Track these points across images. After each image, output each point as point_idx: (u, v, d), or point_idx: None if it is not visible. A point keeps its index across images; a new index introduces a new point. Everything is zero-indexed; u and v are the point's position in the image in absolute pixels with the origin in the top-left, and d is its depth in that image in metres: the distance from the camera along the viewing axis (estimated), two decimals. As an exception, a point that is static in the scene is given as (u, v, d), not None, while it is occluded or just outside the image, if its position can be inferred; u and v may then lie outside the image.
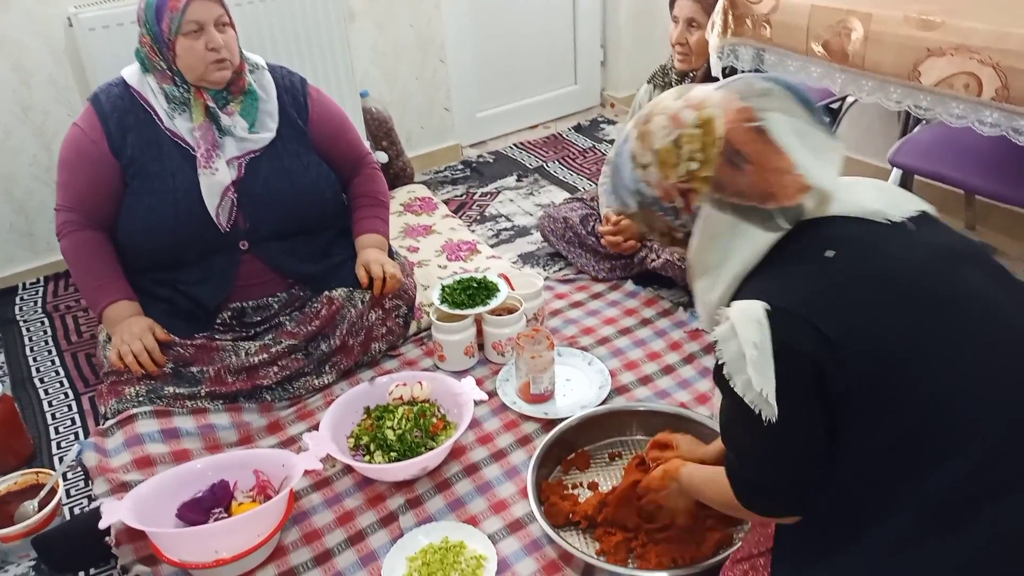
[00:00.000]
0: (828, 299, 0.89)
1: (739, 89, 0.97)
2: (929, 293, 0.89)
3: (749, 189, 0.94)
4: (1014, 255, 2.31)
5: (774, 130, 0.94)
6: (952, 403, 0.86)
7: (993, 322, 0.90)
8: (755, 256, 0.95)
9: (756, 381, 0.88)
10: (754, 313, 0.89)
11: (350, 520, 1.51)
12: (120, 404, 1.67)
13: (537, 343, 1.71)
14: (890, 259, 0.92)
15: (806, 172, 0.93)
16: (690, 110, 0.97)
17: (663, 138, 0.98)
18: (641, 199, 1.03)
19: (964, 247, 0.97)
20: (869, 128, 2.64)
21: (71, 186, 1.77)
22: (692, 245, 1.00)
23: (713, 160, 0.95)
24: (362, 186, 2.02)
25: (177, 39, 1.67)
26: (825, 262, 0.91)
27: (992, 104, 1.40)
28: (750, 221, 0.94)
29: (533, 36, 3.28)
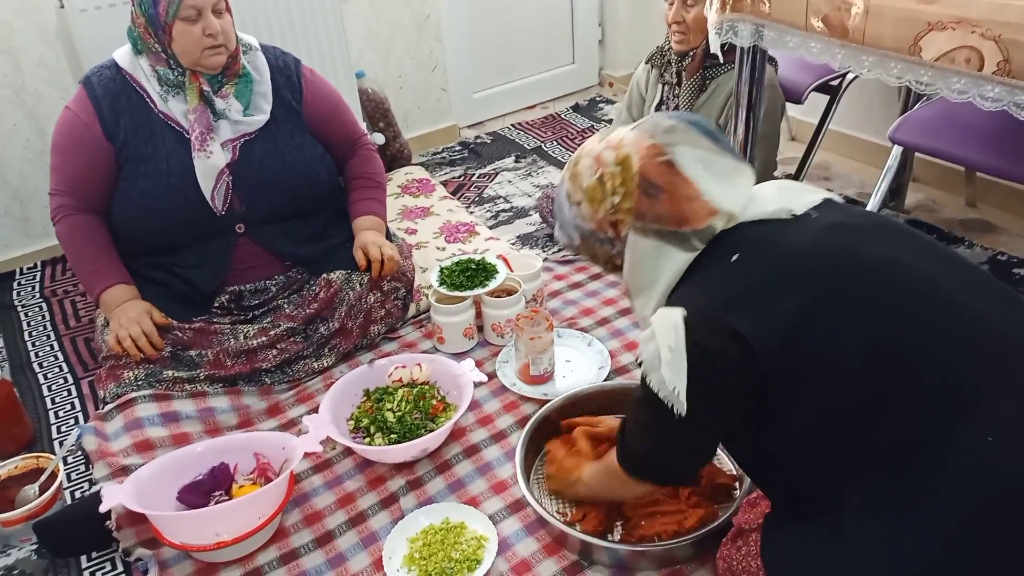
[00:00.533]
0: (733, 296, 0.98)
1: (648, 128, 1.09)
2: (824, 267, 0.97)
3: (665, 216, 1.05)
4: (1014, 231, 2.30)
5: (680, 162, 1.05)
6: (868, 359, 0.92)
7: (893, 276, 0.96)
8: (677, 273, 1.06)
9: (669, 380, 0.98)
10: (672, 318, 0.98)
11: (351, 502, 1.51)
12: (119, 388, 1.67)
13: (536, 324, 1.71)
14: (787, 248, 1.00)
15: (711, 198, 1.04)
16: (610, 150, 1.10)
17: (589, 177, 1.11)
18: (581, 232, 1.15)
19: (862, 221, 1.06)
20: (869, 106, 2.63)
21: (64, 170, 1.76)
22: (624, 269, 1.12)
23: (632, 193, 1.07)
24: (358, 168, 2.01)
25: (174, 23, 1.65)
26: (731, 265, 1.01)
27: (993, 78, 1.38)
28: (670, 243, 1.05)
29: (530, 15, 3.25)
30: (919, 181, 2.56)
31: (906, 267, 0.97)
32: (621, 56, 3.47)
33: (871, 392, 0.91)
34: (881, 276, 0.96)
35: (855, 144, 2.73)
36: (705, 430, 1.05)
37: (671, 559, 1.32)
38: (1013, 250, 2.21)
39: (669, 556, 1.31)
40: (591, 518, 1.37)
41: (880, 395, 0.91)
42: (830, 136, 2.57)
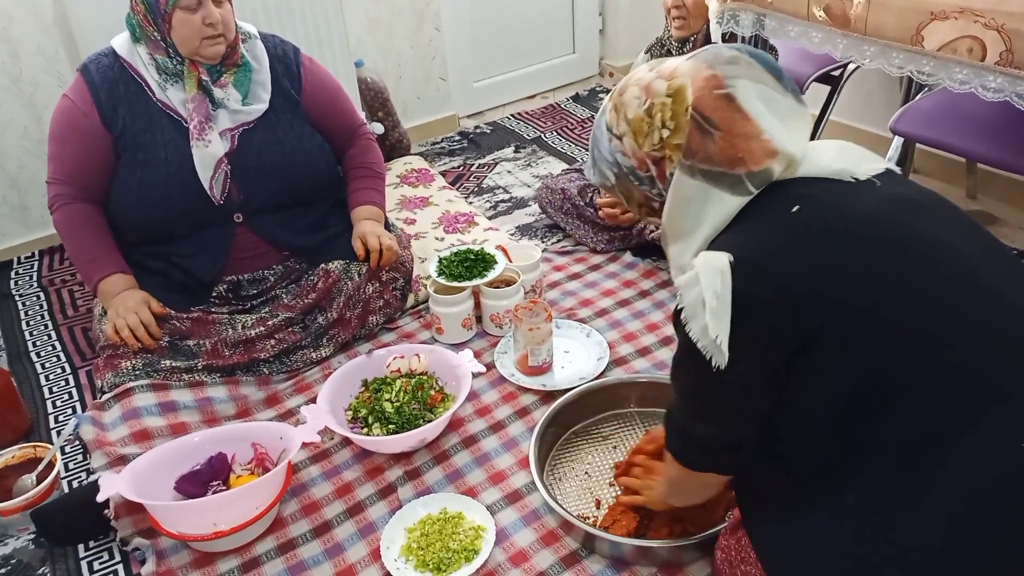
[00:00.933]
0: (789, 250, 0.92)
1: (707, 58, 0.99)
2: (886, 240, 0.92)
3: (718, 155, 0.96)
4: (1014, 223, 2.30)
5: (741, 96, 0.96)
6: (903, 345, 0.89)
7: (947, 263, 0.92)
8: (725, 219, 0.98)
9: (712, 327, 0.91)
10: (718, 263, 0.91)
11: (349, 492, 1.51)
12: (117, 378, 1.66)
13: (535, 315, 1.70)
14: (851, 212, 0.94)
15: (772, 137, 0.96)
16: (661, 80, 1.00)
17: (636, 108, 1.02)
18: (618, 170, 1.06)
19: (925, 199, 1.00)
20: (870, 96, 2.61)
21: (62, 158, 1.75)
22: (665, 212, 1.03)
23: (684, 127, 0.98)
24: (357, 157, 2.00)
25: (174, 11, 1.63)
26: (789, 217, 0.94)
27: (996, 68, 1.37)
28: (720, 186, 0.97)
29: (530, 4, 3.23)
30: (920, 172, 2.55)
31: (961, 254, 0.93)
32: (622, 46, 3.45)
33: (899, 379, 0.88)
34: (937, 261, 0.92)
35: (856, 135, 2.71)
36: (747, 388, 0.96)
37: (675, 559, 1.30)
38: (1014, 242, 2.20)
39: (673, 555, 1.30)
40: (620, 525, 1.34)
41: (906, 384, 0.88)
42: (831, 127, 2.55)
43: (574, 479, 1.50)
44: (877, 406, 0.89)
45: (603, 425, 1.61)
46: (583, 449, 1.56)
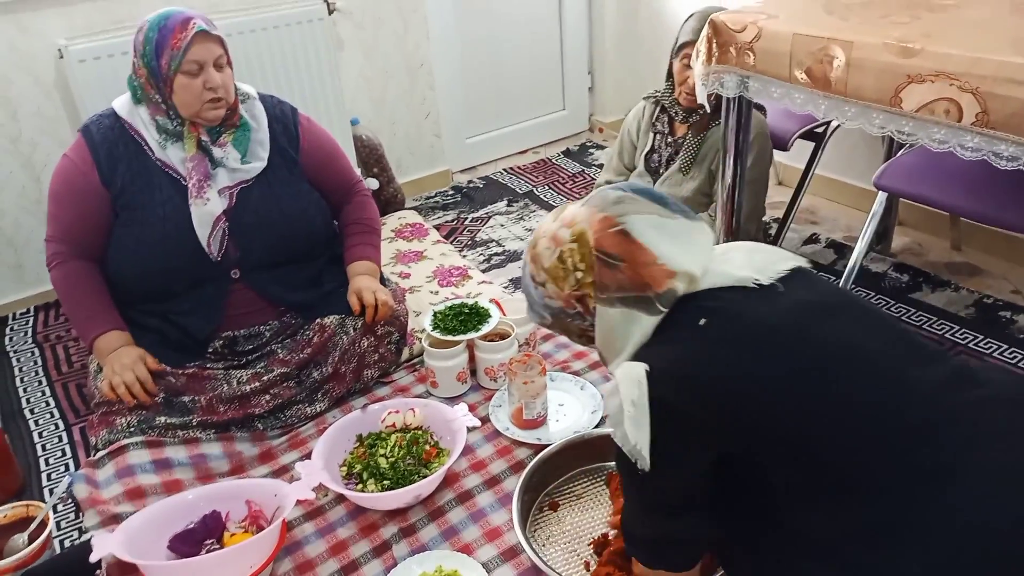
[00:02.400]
0: (699, 360, 1.01)
1: (598, 203, 1.12)
2: (792, 344, 1.00)
3: (628, 283, 1.08)
4: (998, 274, 2.34)
5: (634, 230, 1.08)
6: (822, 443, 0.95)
7: (851, 361, 0.99)
8: (644, 336, 1.08)
9: (632, 434, 0.99)
10: (635, 373, 1.00)
11: (343, 550, 1.50)
12: (111, 435, 1.66)
13: (530, 368, 1.72)
14: (755, 320, 1.03)
15: (667, 261, 1.07)
16: (565, 228, 1.13)
17: (549, 257, 1.14)
18: (551, 311, 1.18)
19: (831, 298, 1.09)
20: (854, 151, 2.68)
21: (61, 217, 1.77)
22: (597, 339, 1.14)
23: (593, 265, 1.10)
24: (353, 213, 2.03)
25: (176, 76, 1.68)
26: (698, 329, 1.03)
27: (972, 129, 1.42)
28: (636, 308, 1.07)
29: (521, 62, 3.32)
30: (905, 225, 2.60)
31: (867, 351, 1.01)
32: (610, 102, 3.54)
33: (832, 473, 0.95)
34: (844, 360, 0.99)
35: (841, 189, 2.77)
36: (678, 488, 1.05)
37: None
38: (999, 293, 2.24)
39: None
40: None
41: (842, 477, 0.94)
42: (816, 181, 2.61)
43: (561, 537, 1.49)
44: (809, 498, 0.96)
45: (583, 479, 1.61)
46: (566, 506, 1.56)
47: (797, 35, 1.63)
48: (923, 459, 0.93)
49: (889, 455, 0.93)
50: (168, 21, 1.68)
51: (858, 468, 0.94)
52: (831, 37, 1.58)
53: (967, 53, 1.41)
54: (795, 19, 1.70)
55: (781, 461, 0.98)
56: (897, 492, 0.92)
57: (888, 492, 0.92)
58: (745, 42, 1.72)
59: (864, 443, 0.95)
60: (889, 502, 0.92)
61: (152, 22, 1.69)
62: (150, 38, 1.68)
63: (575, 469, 1.62)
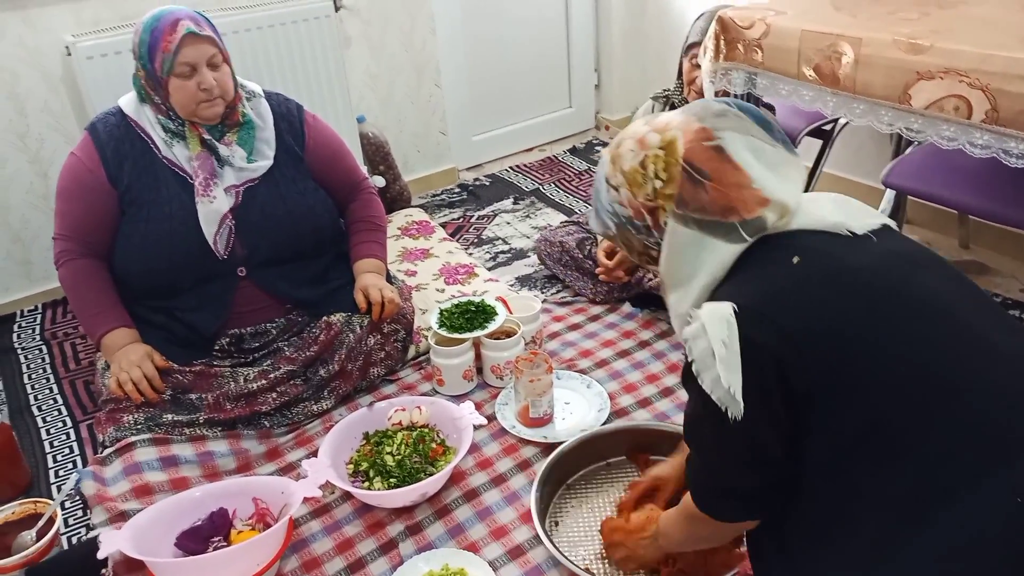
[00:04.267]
0: (792, 299, 0.94)
1: (697, 112, 1.03)
2: (886, 293, 0.94)
3: (710, 204, 0.99)
4: (1007, 272, 2.32)
5: (730, 148, 0.99)
6: (908, 397, 0.89)
7: (945, 319, 0.93)
8: (721, 268, 1.00)
9: (725, 378, 0.92)
10: (723, 312, 0.93)
11: (350, 548, 1.50)
12: (118, 432, 1.67)
13: (536, 366, 1.71)
14: (851, 265, 0.96)
15: (763, 187, 0.99)
16: (654, 133, 1.04)
17: (631, 160, 1.05)
18: (617, 220, 1.09)
19: (921, 255, 1.02)
20: (862, 149, 2.67)
21: (69, 215, 1.78)
22: (661, 260, 1.05)
23: (676, 178, 1.01)
24: (359, 211, 2.03)
25: (169, 79, 1.68)
26: (790, 267, 0.96)
27: (982, 126, 1.41)
28: (714, 235, 0.99)
29: (528, 60, 3.32)
30: (913, 223, 2.59)
31: (958, 308, 0.95)
32: (617, 100, 3.53)
33: (899, 431, 0.89)
34: (937, 314, 0.93)
35: (849, 186, 2.76)
36: (766, 435, 0.95)
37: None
38: (1007, 291, 2.23)
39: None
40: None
41: (906, 437, 0.88)
42: (824, 179, 2.60)
43: (576, 531, 1.49)
44: (877, 457, 0.89)
45: (601, 474, 1.61)
46: (583, 500, 1.56)
47: (805, 32, 1.62)
48: (995, 429, 0.87)
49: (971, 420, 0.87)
50: (159, 23, 1.67)
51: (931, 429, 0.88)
52: (840, 34, 1.57)
53: (977, 50, 1.40)
54: (803, 16, 1.70)
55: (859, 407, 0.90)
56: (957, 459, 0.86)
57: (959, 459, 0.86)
58: (753, 39, 1.71)
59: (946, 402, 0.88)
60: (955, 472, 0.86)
61: (145, 24, 1.69)
62: (144, 40, 1.68)
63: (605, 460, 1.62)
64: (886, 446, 0.89)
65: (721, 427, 0.94)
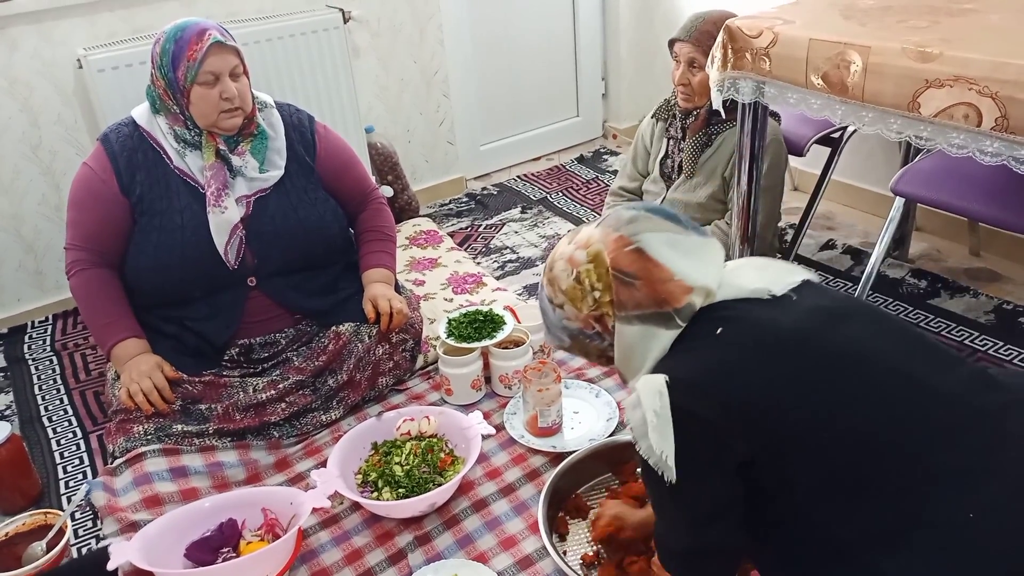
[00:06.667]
0: (719, 367, 1.02)
1: (612, 223, 1.14)
2: (808, 350, 1.02)
3: (645, 300, 1.09)
4: (1019, 280, 2.31)
5: (649, 247, 1.10)
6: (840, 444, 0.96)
7: (868, 367, 1.01)
8: (663, 351, 1.09)
9: (656, 444, 1.00)
10: (656, 384, 1.01)
11: (359, 558, 1.50)
12: (128, 442, 1.67)
13: (544, 376, 1.71)
14: (770, 326, 1.04)
15: (684, 276, 1.09)
16: (580, 250, 1.14)
17: (566, 279, 1.15)
18: (569, 333, 1.19)
19: (842, 305, 1.10)
20: (871, 156, 2.66)
21: (81, 224, 1.79)
22: (616, 358, 1.15)
23: (610, 285, 1.11)
24: (369, 221, 2.04)
25: (192, 87, 1.69)
26: (715, 338, 1.05)
27: (992, 134, 1.40)
28: (655, 325, 1.09)
29: (535, 69, 3.32)
30: (923, 230, 2.58)
31: (882, 354, 1.02)
32: (624, 109, 3.53)
33: (851, 475, 0.95)
34: (860, 362, 1.00)
35: (858, 194, 2.75)
36: (704, 499, 1.03)
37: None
38: (1019, 299, 2.21)
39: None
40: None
41: (860, 479, 0.95)
42: (833, 186, 2.59)
43: (584, 542, 1.48)
44: (837, 502, 0.96)
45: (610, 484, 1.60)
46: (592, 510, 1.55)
47: (814, 40, 1.62)
48: (943, 462, 0.93)
49: (908, 457, 0.94)
50: (184, 33, 1.69)
51: (876, 470, 0.95)
52: (848, 42, 1.57)
53: (986, 58, 1.40)
54: (811, 24, 1.69)
55: (800, 463, 0.98)
56: (916, 495, 0.93)
57: (907, 494, 0.93)
58: (761, 48, 1.71)
59: (882, 445, 0.95)
60: (908, 505, 0.92)
61: (168, 34, 1.70)
62: (167, 50, 1.69)
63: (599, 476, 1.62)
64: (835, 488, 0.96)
65: (662, 489, 1.02)
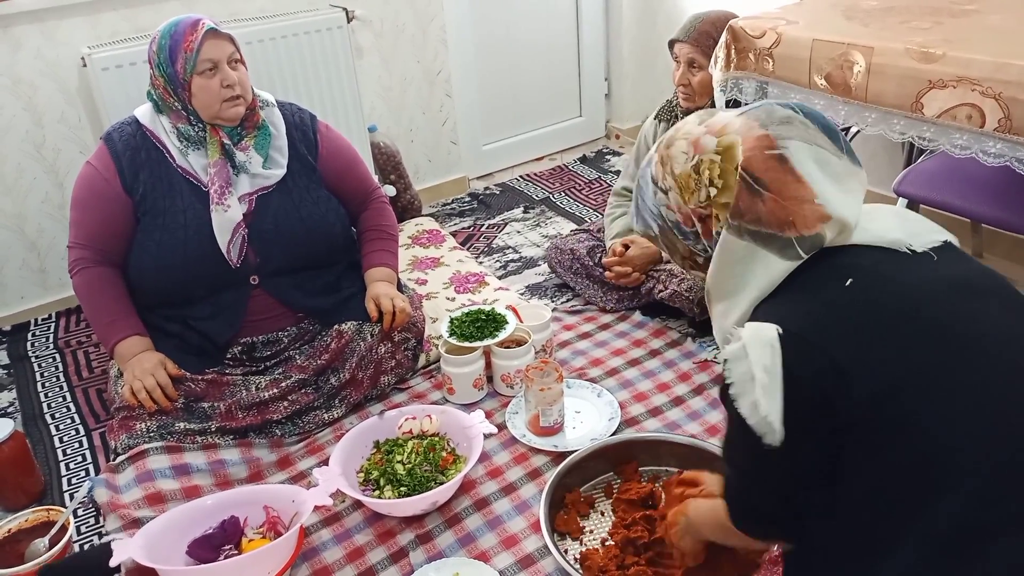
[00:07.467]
0: (841, 327, 0.88)
1: (760, 116, 0.97)
2: (941, 326, 0.88)
3: (767, 217, 0.93)
4: (1021, 281, 2.30)
5: (794, 158, 0.93)
6: (952, 436, 0.84)
7: (1001, 356, 0.87)
8: (772, 283, 0.94)
9: (764, 405, 0.87)
10: (767, 336, 0.87)
11: (360, 556, 1.50)
12: (131, 440, 1.67)
13: (546, 375, 1.71)
14: (906, 290, 0.90)
15: (826, 202, 0.93)
16: (711, 136, 0.98)
17: (683, 163, 0.99)
18: (662, 223, 1.04)
19: (983, 280, 0.95)
20: (874, 157, 2.66)
21: (84, 223, 1.79)
22: (710, 270, 1.00)
23: (732, 187, 0.95)
24: (371, 220, 2.04)
25: (192, 79, 1.70)
26: (841, 290, 0.90)
27: (995, 135, 1.41)
28: (768, 248, 0.94)
29: (538, 69, 3.33)
30: (925, 231, 2.57)
31: (1011, 343, 0.88)
32: (627, 109, 3.53)
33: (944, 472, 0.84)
34: (987, 354, 0.87)
35: (861, 195, 2.75)
36: (803, 463, 0.91)
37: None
38: (1022, 300, 2.21)
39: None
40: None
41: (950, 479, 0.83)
42: (836, 187, 2.59)
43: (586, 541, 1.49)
44: (912, 495, 0.85)
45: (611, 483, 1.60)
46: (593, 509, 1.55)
47: (817, 41, 1.62)
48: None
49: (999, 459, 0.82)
50: (178, 27, 1.71)
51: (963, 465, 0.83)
52: (851, 43, 1.57)
53: (990, 58, 1.40)
54: (815, 25, 1.70)
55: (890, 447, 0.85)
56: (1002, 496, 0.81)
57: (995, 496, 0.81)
58: (764, 48, 1.71)
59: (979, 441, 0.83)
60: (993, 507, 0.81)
61: (163, 31, 1.72)
62: (163, 46, 1.70)
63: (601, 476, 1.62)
64: (921, 484, 0.84)
65: (757, 451, 0.90)
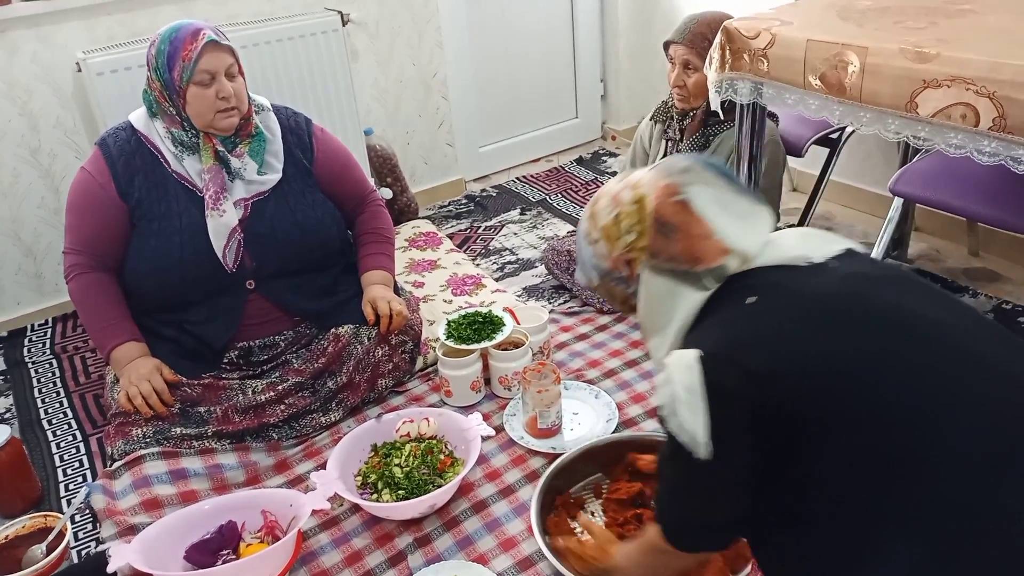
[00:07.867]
0: (751, 338, 0.97)
1: (665, 169, 1.11)
2: (846, 312, 0.96)
3: (680, 255, 1.06)
4: (1018, 280, 2.31)
5: (695, 202, 1.06)
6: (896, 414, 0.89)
7: (914, 328, 0.94)
8: (691, 313, 1.06)
9: (689, 421, 0.95)
10: (688, 359, 0.97)
11: (358, 560, 1.50)
12: (128, 445, 1.67)
13: (544, 377, 1.71)
14: (808, 293, 0.99)
15: (724, 237, 1.05)
16: (627, 190, 1.12)
17: (606, 216, 1.13)
18: (598, 272, 1.17)
19: (885, 273, 1.05)
20: (869, 157, 2.66)
21: (79, 229, 1.79)
22: (639, 308, 1.12)
23: (647, 231, 1.08)
24: (367, 223, 2.04)
25: (188, 87, 1.69)
26: (747, 307, 1.00)
27: (990, 134, 1.40)
28: (683, 283, 1.06)
29: (534, 71, 3.33)
30: (922, 231, 2.58)
31: (931, 322, 0.95)
32: (623, 110, 3.53)
33: (897, 451, 0.88)
34: (905, 328, 0.94)
35: (857, 194, 2.76)
36: (733, 475, 0.98)
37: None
38: (1018, 299, 2.21)
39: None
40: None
41: (901, 455, 0.88)
42: (831, 187, 2.60)
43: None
44: (883, 480, 0.88)
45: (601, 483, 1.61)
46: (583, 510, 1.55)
47: (811, 41, 1.62)
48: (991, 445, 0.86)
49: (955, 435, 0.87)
50: (179, 33, 1.69)
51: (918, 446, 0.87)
52: (846, 43, 1.57)
53: (984, 58, 1.40)
54: (809, 25, 1.69)
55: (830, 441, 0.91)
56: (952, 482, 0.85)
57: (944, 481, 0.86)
58: (759, 48, 1.71)
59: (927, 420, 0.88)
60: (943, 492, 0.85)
61: (163, 35, 1.71)
62: (162, 51, 1.69)
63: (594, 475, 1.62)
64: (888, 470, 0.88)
65: (689, 466, 0.97)
